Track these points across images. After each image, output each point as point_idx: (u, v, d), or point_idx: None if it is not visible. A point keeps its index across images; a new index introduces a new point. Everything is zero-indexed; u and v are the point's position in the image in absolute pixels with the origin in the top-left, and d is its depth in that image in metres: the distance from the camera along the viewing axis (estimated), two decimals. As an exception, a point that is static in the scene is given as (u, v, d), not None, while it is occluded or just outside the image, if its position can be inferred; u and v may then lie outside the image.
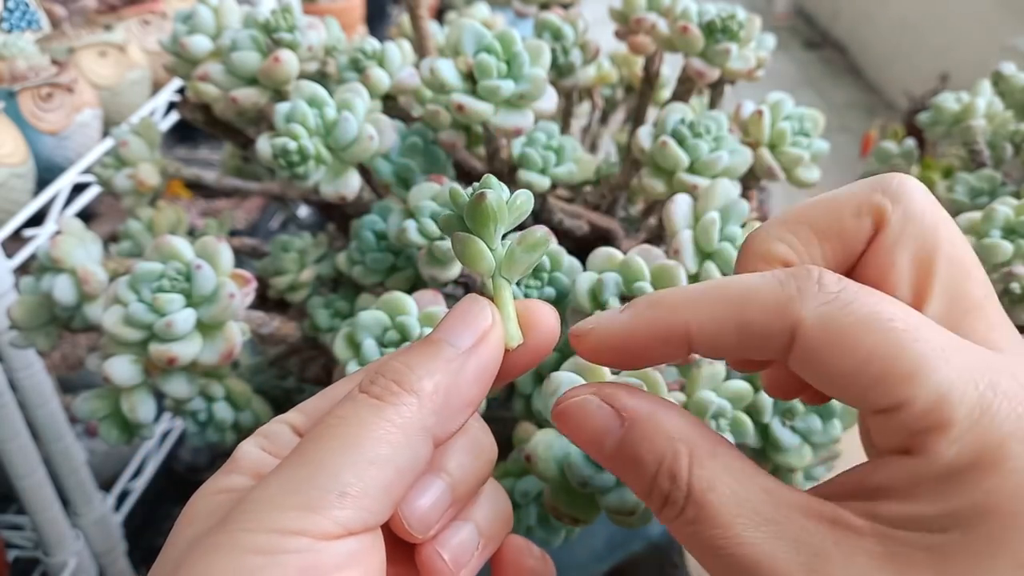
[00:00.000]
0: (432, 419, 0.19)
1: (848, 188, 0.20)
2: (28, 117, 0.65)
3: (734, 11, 0.42)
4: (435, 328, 0.20)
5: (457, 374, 0.19)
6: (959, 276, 0.19)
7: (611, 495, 0.27)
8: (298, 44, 0.41)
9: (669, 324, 0.19)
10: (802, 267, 0.18)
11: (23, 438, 0.60)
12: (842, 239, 0.20)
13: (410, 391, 0.19)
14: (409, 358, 0.20)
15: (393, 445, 0.18)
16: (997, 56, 0.62)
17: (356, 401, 0.19)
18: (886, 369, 0.16)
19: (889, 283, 0.19)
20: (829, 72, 2.21)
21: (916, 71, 1.74)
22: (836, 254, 0.20)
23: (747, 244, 0.21)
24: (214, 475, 0.20)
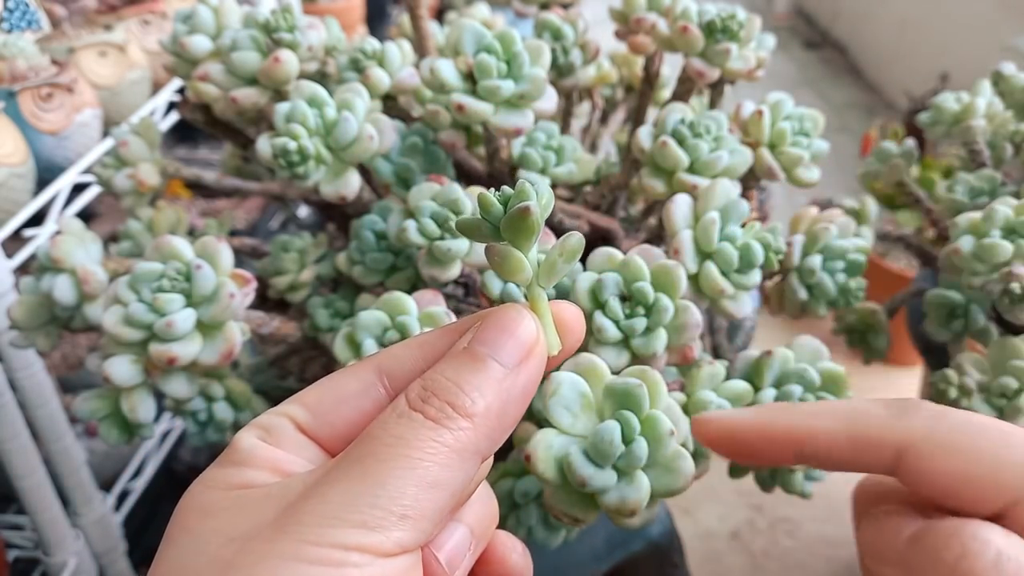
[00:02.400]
0: (485, 443, 0.19)
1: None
2: (28, 117, 0.65)
3: (734, 11, 0.42)
4: (477, 339, 0.20)
5: (508, 393, 0.20)
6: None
7: (611, 495, 0.27)
8: (298, 44, 0.41)
9: (787, 429, 0.21)
10: (905, 398, 0.21)
11: (23, 438, 0.60)
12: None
13: (466, 415, 0.19)
14: (459, 376, 0.19)
15: (451, 469, 0.18)
16: (997, 56, 0.62)
17: (413, 420, 0.19)
18: (996, 464, 0.18)
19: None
20: (829, 72, 2.21)
21: (916, 71, 1.74)
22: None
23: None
24: (214, 466, 0.20)
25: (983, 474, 0.18)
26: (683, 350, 0.35)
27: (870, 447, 0.20)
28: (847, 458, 0.21)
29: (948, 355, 0.47)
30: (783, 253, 0.39)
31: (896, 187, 0.55)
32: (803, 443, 0.21)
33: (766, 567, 0.72)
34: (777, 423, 0.22)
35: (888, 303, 0.55)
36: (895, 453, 0.20)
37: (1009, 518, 0.18)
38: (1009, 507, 0.18)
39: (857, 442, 0.20)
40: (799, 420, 0.21)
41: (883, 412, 0.20)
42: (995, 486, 0.18)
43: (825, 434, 0.21)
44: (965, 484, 0.19)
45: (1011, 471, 0.18)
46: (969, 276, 0.42)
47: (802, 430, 0.21)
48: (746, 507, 0.78)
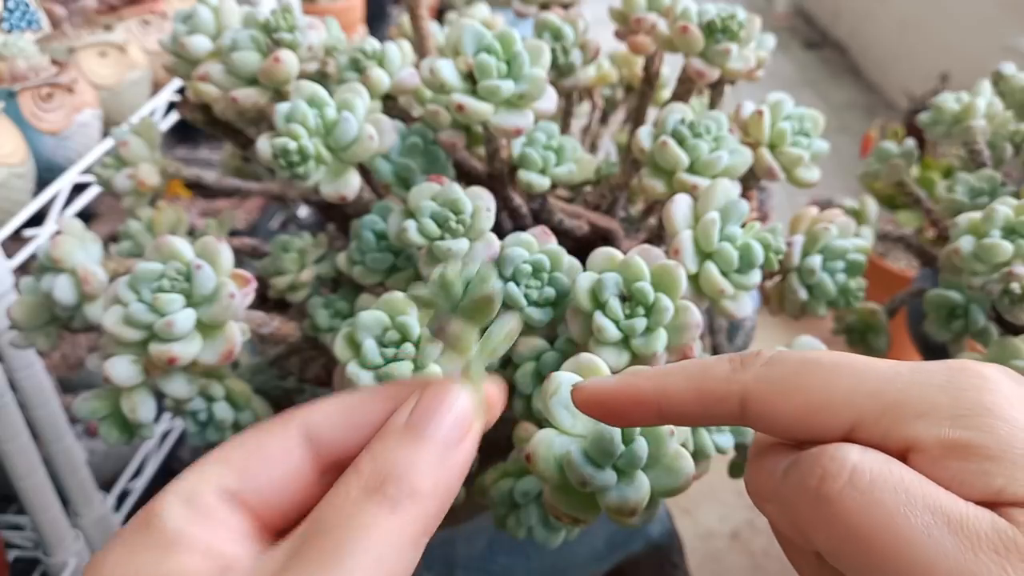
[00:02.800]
0: (434, 523, 0.19)
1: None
2: (28, 117, 0.65)
3: (734, 11, 0.42)
4: (420, 415, 0.20)
5: (451, 471, 0.20)
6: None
7: (611, 494, 0.27)
8: (298, 44, 0.41)
9: (645, 390, 0.22)
10: (748, 351, 0.22)
11: (23, 438, 0.60)
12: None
13: (422, 498, 0.19)
14: (409, 455, 0.19)
15: (411, 553, 0.18)
16: (997, 56, 0.62)
17: (372, 505, 0.18)
18: (827, 396, 0.19)
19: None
20: (829, 72, 2.21)
21: (916, 71, 1.74)
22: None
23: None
24: (133, 546, 0.18)
25: (819, 407, 0.19)
26: (683, 350, 0.35)
27: (715, 401, 0.21)
28: (698, 413, 0.22)
29: (948, 355, 0.47)
30: (783, 253, 0.39)
31: (896, 187, 0.55)
32: (659, 402, 0.22)
33: (766, 567, 0.72)
34: (636, 385, 0.23)
35: (888, 303, 0.55)
36: (739, 404, 0.21)
37: (857, 440, 0.19)
38: (850, 432, 0.19)
39: (704, 397, 0.21)
40: (655, 382, 0.22)
41: (725, 366, 0.21)
42: (829, 416, 0.19)
43: (676, 393, 0.22)
44: (804, 420, 0.20)
45: (842, 397, 0.19)
46: (969, 276, 0.42)
47: (658, 391, 0.22)
48: (746, 507, 0.78)
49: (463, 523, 0.53)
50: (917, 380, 0.19)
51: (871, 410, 0.19)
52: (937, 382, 0.19)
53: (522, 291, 0.36)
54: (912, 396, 0.19)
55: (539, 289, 0.36)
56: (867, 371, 0.20)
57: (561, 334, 0.37)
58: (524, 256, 0.36)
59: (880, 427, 0.19)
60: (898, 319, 0.55)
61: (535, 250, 0.37)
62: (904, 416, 0.19)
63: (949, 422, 0.18)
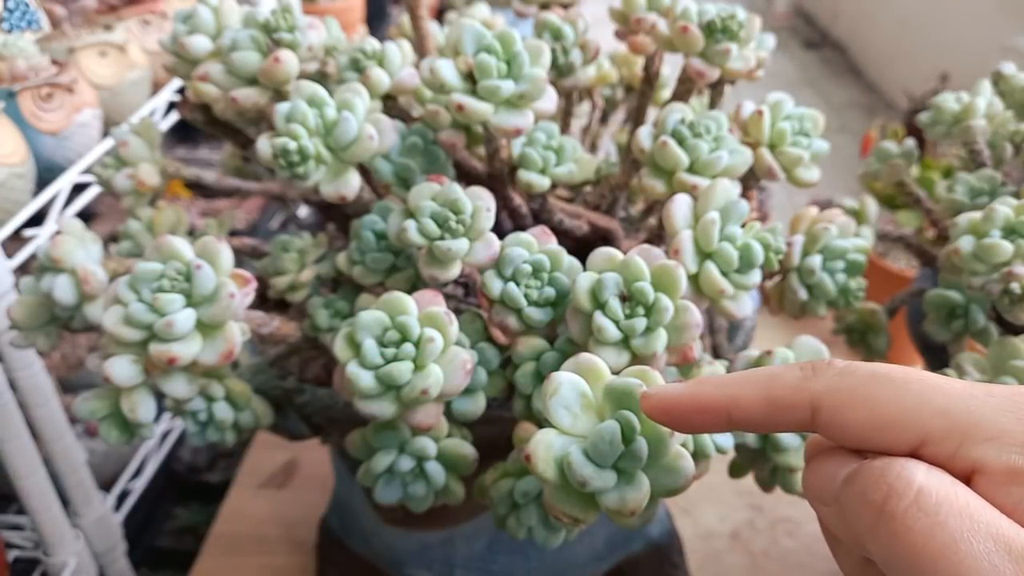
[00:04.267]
0: None
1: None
2: (28, 117, 0.65)
3: (734, 11, 0.42)
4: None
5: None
6: None
7: (611, 495, 0.27)
8: (298, 44, 0.41)
9: (714, 398, 0.23)
10: (818, 360, 0.22)
11: (23, 438, 0.60)
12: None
13: None
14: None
15: None
16: (997, 56, 0.62)
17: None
18: (897, 411, 0.20)
19: None
20: (829, 72, 2.21)
21: (916, 71, 1.74)
22: None
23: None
24: None
25: (888, 421, 0.20)
26: (683, 350, 0.35)
27: (786, 408, 0.21)
28: (768, 420, 0.22)
29: (948, 355, 0.47)
30: (783, 253, 0.39)
31: (896, 187, 0.55)
32: (729, 410, 0.22)
33: (766, 567, 0.72)
34: (705, 393, 0.23)
35: (888, 303, 0.55)
36: (809, 412, 0.21)
37: (923, 457, 0.19)
38: (917, 448, 0.19)
39: (774, 405, 0.22)
40: (724, 389, 0.23)
41: (796, 374, 0.22)
42: (899, 430, 0.19)
43: (746, 400, 0.22)
44: (873, 432, 0.20)
45: (911, 413, 0.19)
46: (969, 276, 0.42)
47: (727, 398, 0.22)
48: (746, 507, 0.78)
49: (463, 523, 0.53)
50: (990, 404, 0.19)
51: (940, 428, 0.19)
52: (1009, 407, 0.19)
53: (522, 291, 0.36)
54: (983, 419, 0.19)
55: (539, 289, 0.36)
56: (939, 389, 0.20)
57: (561, 334, 0.37)
58: (524, 256, 0.36)
59: (947, 447, 0.19)
60: (898, 319, 0.55)
61: (535, 250, 0.37)
62: (973, 438, 0.19)
63: (1018, 448, 0.18)
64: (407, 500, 0.38)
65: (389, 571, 0.58)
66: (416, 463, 0.37)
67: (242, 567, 0.75)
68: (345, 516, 0.63)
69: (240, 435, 0.43)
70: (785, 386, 0.22)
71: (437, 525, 0.53)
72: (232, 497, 0.82)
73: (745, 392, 0.22)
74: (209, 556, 0.76)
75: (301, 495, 0.82)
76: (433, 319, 0.34)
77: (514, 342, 0.37)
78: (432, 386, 0.33)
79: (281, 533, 0.77)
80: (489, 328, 0.37)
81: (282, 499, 0.82)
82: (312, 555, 0.69)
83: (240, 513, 0.80)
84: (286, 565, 0.74)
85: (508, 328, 0.37)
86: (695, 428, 0.24)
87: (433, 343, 0.33)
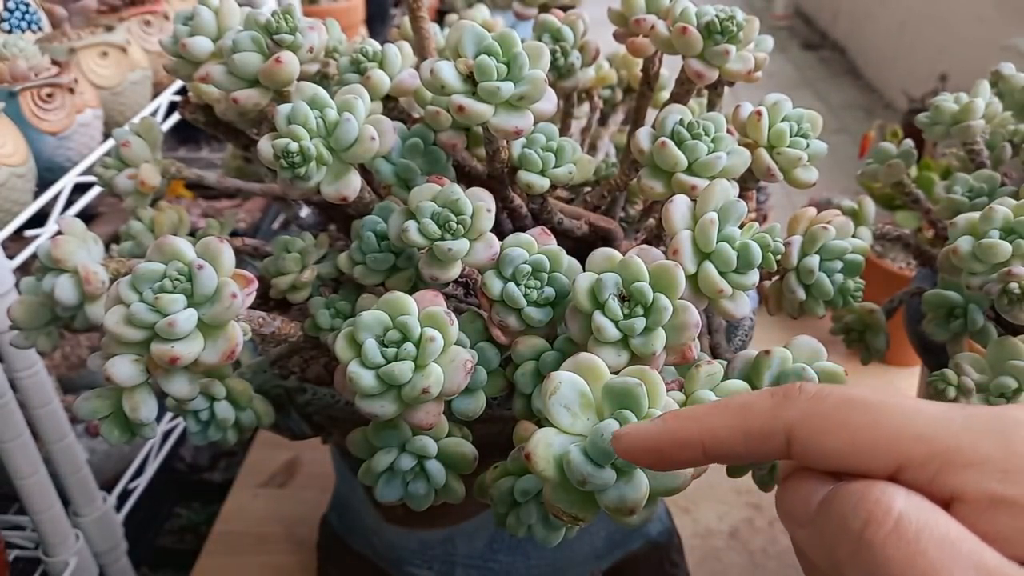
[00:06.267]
0: None
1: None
2: (29, 117, 0.65)
3: (733, 12, 0.42)
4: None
5: None
6: None
7: (610, 493, 0.27)
8: (299, 46, 0.41)
9: (689, 433, 0.22)
10: (788, 384, 0.22)
11: (24, 438, 0.60)
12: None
13: None
14: None
15: None
16: (996, 56, 0.63)
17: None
18: (873, 437, 0.19)
19: None
20: (828, 73, 2.21)
21: (915, 71, 1.75)
22: None
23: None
24: None
25: (865, 446, 0.19)
26: (682, 350, 0.35)
27: (761, 438, 0.21)
28: (743, 450, 0.22)
29: (947, 355, 0.47)
30: (781, 253, 0.39)
31: (894, 187, 0.55)
32: (704, 443, 0.22)
33: (765, 566, 0.72)
34: (680, 428, 0.23)
35: (887, 303, 0.55)
36: (784, 440, 0.21)
37: (901, 482, 0.19)
38: (895, 473, 0.19)
39: (749, 435, 0.21)
40: (698, 422, 0.22)
41: (767, 402, 0.21)
42: (875, 456, 0.19)
43: (721, 432, 0.22)
44: (850, 458, 0.20)
45: (889, 438, 0.19)
46: (968, 276, 0.42)
47: (702, 432, 0.22)
48: (745, 506, 0.78)
49: (464, 521, 0.53)
50: (970, 427, 0.19)
51: (918, 454, 0.19)
52: (990, 432, 0.19)
53: (522, 291, 0.36)
54: (963, 444, 0.19)
55: (539, 289, 0.36)
56: (917, 414, 0.19)
57: (561, 334, 0.37)
58: (524, 256, 0.36)
59: (926, 472, 0.19)
60: (896, 319, 0.56)
61: (535, 250, 0.37)
62: (953, 464, 0.18)
63: (1000, 476, 0.18)
64: (408, 499, 0.38)
65: (390, 569, 0.58)
66: (417, 462, 0.37)
67: (243, 566, 0.75)
68: (346, 515, 0.63)
69: (241, 434, 0.43)
70: (758, 416, 0.21)
71: (438, 523, 0.54)
72: (233, 496, 0.82)
73: (720, 423, 0.22)
74: (210, 555, 0.76)
75: (302, 494, 0.82)
76: (433, 319, 0.34)
77: (514, 342, 0.37)
78: (433, 385, 0.33)
79: (282, 532, 0.78)
80: (489, 328, 0.37)
81: (283, 498, 0.82)
82: (313, 554, 0.69)
83: (241, 512, 0.80)
84: (287, 564, 0.74)
85: (508, 328, 0.37)
86: (672, 465, 0.23)
87: (433, 343, 0.33)
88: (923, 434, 0.19)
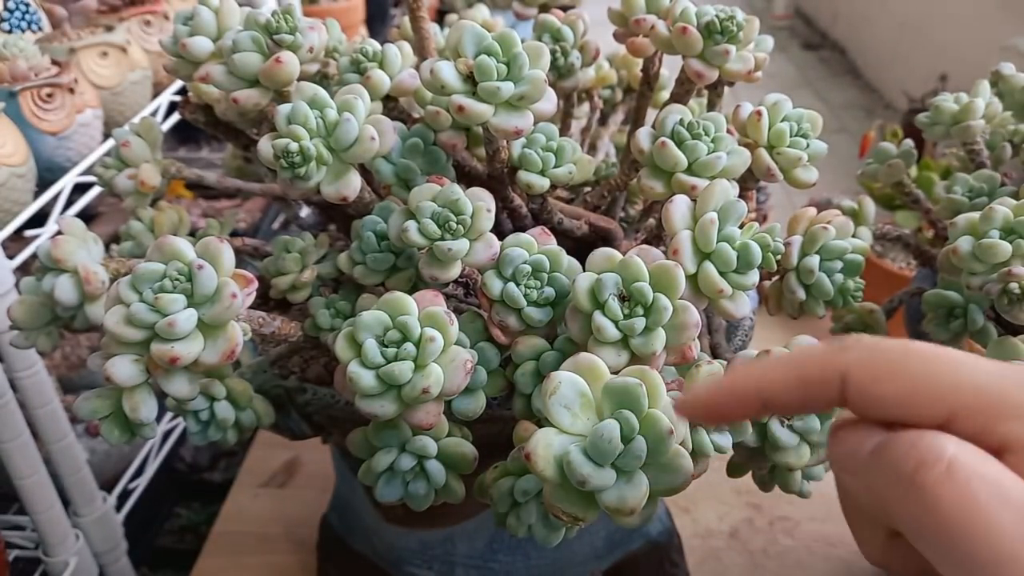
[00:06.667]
0: None
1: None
2: (29, 117, 0.65)
3: (733, 12, 0.42)
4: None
5: None
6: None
7: (610, 493, 0.27)
8: (299, 46, 0.41)
9: (747, 385, 0.23)
10: (845, 336, 0.22)
11: (24, 438, 0.60)
12: None
13: None
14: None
15: None
16: (997, 56, 0.63)
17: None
18: (927, 384, 0.20)
19: None
20: (828, 73, 2.21)
21: (915, 72, 1.75)
22: None
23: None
24: None
25: (918, 393, 0.20)
26: (682, 350, 0.35)
27: (817, 383, 0.22)
28: (801, 399, 0.22)
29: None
30: (781, 253, 0.39)
31: (894, 187, 0.55)
32: (763, 393, 0.23)
33: (765, 566, 0.72)
34: (738, 382, 0.23)
35: (886, 303, 0.55)
36: (840, 385, 0.21)
37: (951, 431, 0.19)
38: (947, 421, 0.19)
39: (806, 381, 0.22)
40: (755, 376, 0.23)
41: (824, 350, 0.22)
42: (929, 403, 0.20)
43: (778, 380, 0.22)
44: (903, 405, 0.20)
45: (943, 387, 0.20)
46: (968, 276, 0.42)
47: (760, 382, 0.23)
48: (745, 506, 0.78)
49: (464, 521, 0.53)
50: (1021, 382, 0.19)
51: (971, 404, 0.19)
52: None
53: (522, 291, 0.36)
54: (1014, 396, 0.19)
55: (539, 289, 0.36)
56: (971, 365, 0.20)
57: (561, 334, 0.37)
58: (524, 256, 0.37)
59: (977, 422, 0.19)
60: (896, 319, 0.56)
61: (535, 250, 0.37)
62: (1003, 415, 0.19)
63: None
64: (408, 498, 0.38)
65: (390, 569, 0.58)
66: (417, 462, 0.37)
67: (243, 566, 0.75)
68: (346, 515, 0.63)
69: (241, 434, 0.43)
70: (815, 362, 0.22)
71: (438, 523, 0.54)
72: (233, 496, 0.82)
73: (776, 373, 0.22)
74: (210, 555, 0.76)
75: (302, 494, 0.82)
76: (433, 319, 0.34)
77: (514, 342, 0.37)
78: (433, 385, 0.33)
79: (282, 532, 0.78)
80: (489, 328, 0.37)
81: (283, 498, 0.82)
82: (313, 554, 0.69)
83: (241, 512, 0.80)
84: (287, 564, 0.74)
85: (508, 328, 0.37)
86: (732, 418, 0.24)
87: (434, 343, 0.33)
88: (976, 385, 0.19)
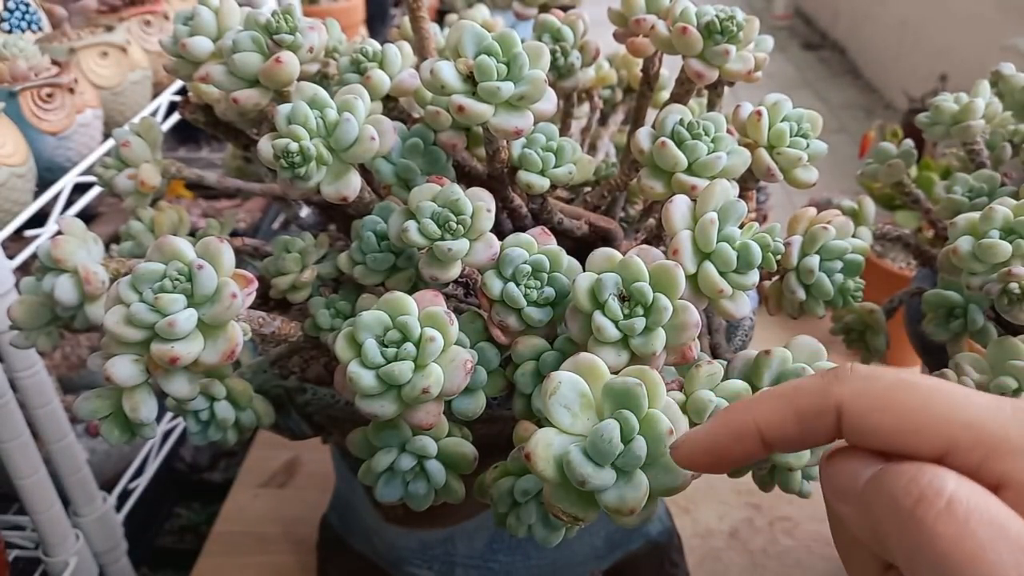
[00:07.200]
0: None
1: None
2: (29, 117, 0.65)
3: (733, 12, 0.42)
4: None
5: None
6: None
7: (610, 493, 0.27)
8: (299, 46, 0.41)
9: (742, 423, 0.23)
10: (839, 365, 0.22)
11: (24, 438, 0.60)
12: None
13: None
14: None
15: None
16: (997, 56, 0.63)
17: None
18: (924, 418, 0.20)
19: None
20: (828, 73, 2.21)
21: (915, 71, 1.75)
22: None
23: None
24: None
25: (915, 427, 0.20)
26: (682, 350, 0.35)
27: (814, 417, 0.21)
28: (798, 433, 0.22)
29: (947, 355, 0.47)
30: (781, 253, 0.39)
31: (894, 187, 0.55)
32: (761, 431, 0.22)
33: (765, 566, 0.72)
34: (733, 421, 0.23)
35: (887, 303, 0.55)
36: (835, 416, 0.21)
37: (947, 464, 0.19)
38: (943, 456, 0.19)
39: (802, 416, 0.22)
40: (750, 412, 0.23)
41: (819, 381, 0.22)
42: (927, 437, 0.20)
43: (775, 416, 0.22)
44: (900, 438, 0.20)
45: (939, 421, 0.20)
46: (968, 276, 0.42)
47: (756, 420, 0.22)
48: (745, 506, 0.78)
49: (464, 521, 0.53)
50: (1019, 418, 0.19)
51: (967, 439, 0.19)
52: None
53: (522, 291, 0.36)
54: (1011, 433, 0.19)
55: (539, 289, 0.36)
56: (967, 400, 0.20)
57: (561, 334, 0.37)
58: (524, 256, 0.37)
59: (973, 457, 0.19)
60: (896, 319, 0.56)
61: (535, 250, 0.37)
62: (1000, 452, 0.19)
63: None
64: (408, 498, 0.38)
65: (390, 569, 0.58)
66: (417, 462, 0.37)
67: (243, 566, 0.75)
68: (346, 515, 0.63)
69: (241, 434, 0.43)
70: (809, 395, 0.22)
71: (438, 523, 0.54)
72: (233, 496, 0.82)
73: (772, 408, 0.22)
74: (210, 555, 0.76)
75: (302, 494, 0.82)
76: (433, 319, 0.34)
77: (514, 342, 0.37)
78: (433, 385, 0.33)
79: (282, 532, 0.78)
80: (489, 328, 0.37)
81: (283, 498, 0.82)
82: (313, 554, 0.69)
83: (241, 512, 0.80)
84: (287, 564, 0.74)
85: (508, 328, 0.37)
86: (734, 461, 0.23)
87: (433, 343, 0.33)
88: (973, 420, 0.19)
